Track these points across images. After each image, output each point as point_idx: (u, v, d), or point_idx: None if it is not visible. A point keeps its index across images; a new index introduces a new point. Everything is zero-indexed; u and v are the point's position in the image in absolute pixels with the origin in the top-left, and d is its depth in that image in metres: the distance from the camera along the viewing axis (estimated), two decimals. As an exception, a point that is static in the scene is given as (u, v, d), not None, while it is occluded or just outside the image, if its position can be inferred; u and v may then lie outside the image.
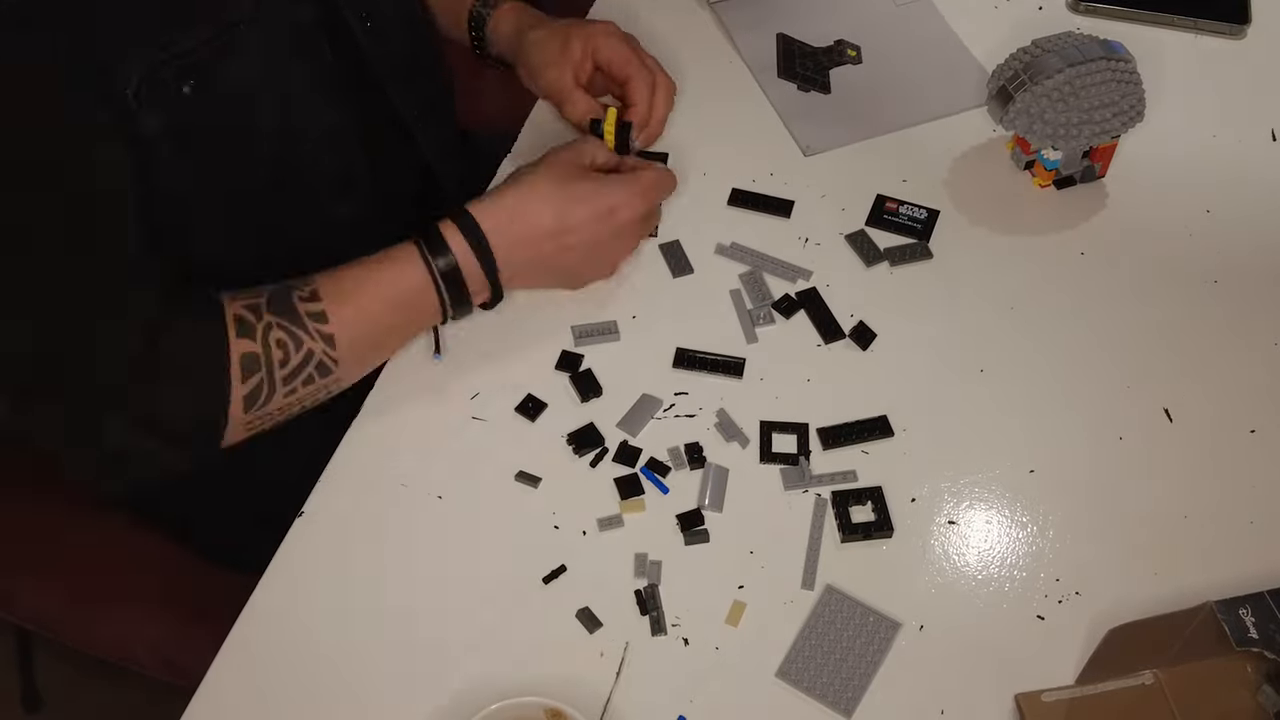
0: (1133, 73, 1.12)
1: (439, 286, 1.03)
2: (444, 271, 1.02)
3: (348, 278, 1.01)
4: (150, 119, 0.96)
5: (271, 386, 0.98)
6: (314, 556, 1.00)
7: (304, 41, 1.04)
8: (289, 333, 0.98)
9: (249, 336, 0.97)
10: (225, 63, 0.99)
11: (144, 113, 0.95)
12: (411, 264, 1.02)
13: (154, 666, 1.25)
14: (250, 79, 1.01)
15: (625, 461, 1.03)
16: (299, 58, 1.04)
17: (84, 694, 1.71)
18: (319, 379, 1.01)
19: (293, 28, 1.03)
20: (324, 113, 1.08)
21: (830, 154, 1.20)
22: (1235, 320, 1.10)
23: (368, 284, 1.01)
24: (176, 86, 0.96)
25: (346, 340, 1.00)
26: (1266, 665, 0.86)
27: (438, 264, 1.02)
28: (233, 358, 0.96)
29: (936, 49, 1.27)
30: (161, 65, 0.95)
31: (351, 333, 1.00)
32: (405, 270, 1.02)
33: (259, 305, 0.98)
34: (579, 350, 1.09)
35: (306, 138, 1.07)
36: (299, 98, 1.05)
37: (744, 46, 1.27)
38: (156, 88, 0.95)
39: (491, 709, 0.89)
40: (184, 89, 0.96)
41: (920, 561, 0.99)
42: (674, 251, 1.15)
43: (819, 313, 1.10)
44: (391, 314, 1.03)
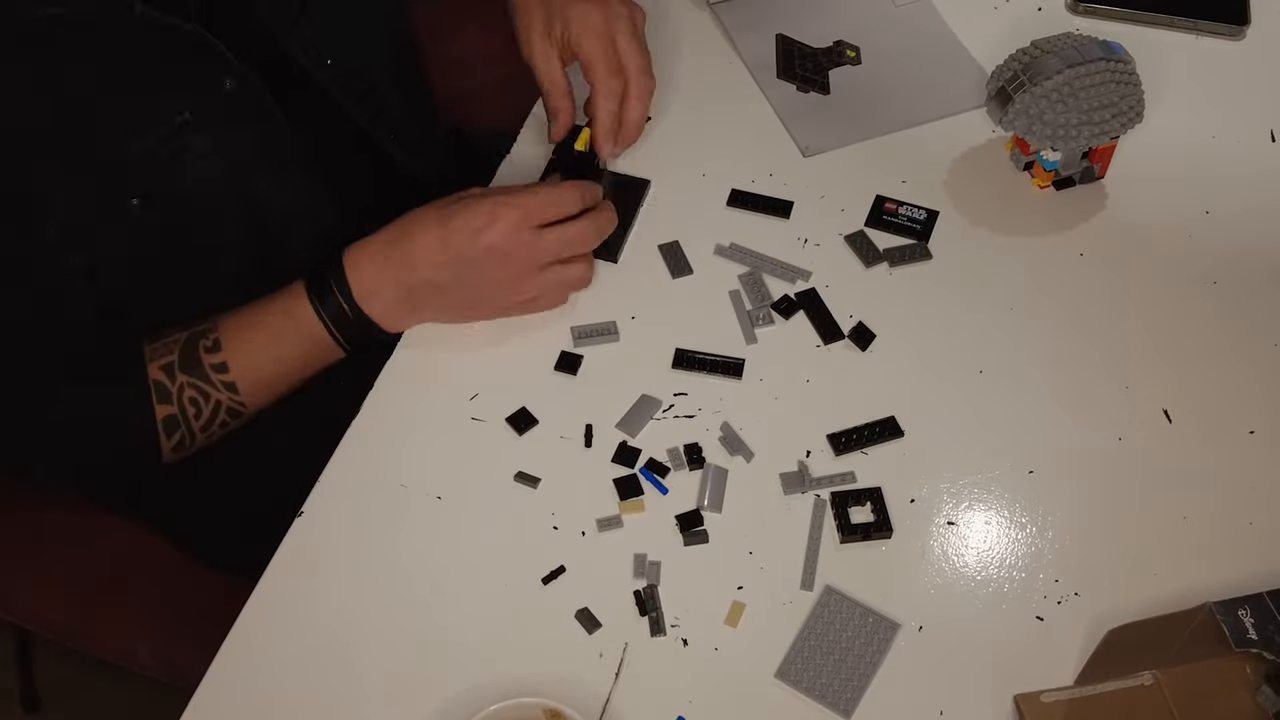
0: (1132, 74, 1.12)
1: (325, 323, 1.05)
2: (329, 309, 1.05)
3: (245, 324, 1.05)
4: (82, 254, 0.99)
5: (192, 436, 1.06)
6: (314, 556, 1.00)
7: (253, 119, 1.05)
8: (199, 390, 1.04)
9: (167, 401, 1.04)
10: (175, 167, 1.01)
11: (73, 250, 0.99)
12: (299, 304, 1.05)
13: (154, 666, 1.25)
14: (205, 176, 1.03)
15: (624, 462, 1.03)
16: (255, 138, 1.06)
17: (84, 694, 1.71)
18: (232, 421, 1.07)
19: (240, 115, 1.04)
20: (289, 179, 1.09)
21: (829, 155, 1.20)
22: (1235, 320, 1.10)
23: (263, 327, 1.05)
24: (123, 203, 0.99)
25: (249, 385, 1.06)
26: (1265, 666, 0.86)
27: (322, 302, 1.04)
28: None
29: (936, 50, 1.27)
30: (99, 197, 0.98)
31: (252, 377, 1.06)
32: (294, 310, 1.05)
33: (172, 366, 1.04)
34: (578, 350, 1.09)
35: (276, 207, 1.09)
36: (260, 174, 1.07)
37: (743, 47, 1.27)
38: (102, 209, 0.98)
39: (491, 709, 0.89)
40: (133, 202, 0.99)
41: (919, 562, 0.99)
42: (673, 252, 1.14)
43: (818, 313, 1.10)
44: (289, 351, 1.06)
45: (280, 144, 1.08)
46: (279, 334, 1.05)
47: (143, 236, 1.01)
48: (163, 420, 1.04)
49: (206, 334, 1.05)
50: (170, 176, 1.00)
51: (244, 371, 1.05)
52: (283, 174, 1.09)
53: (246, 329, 1.05)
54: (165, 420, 1.04)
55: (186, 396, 1.04)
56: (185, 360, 1.04)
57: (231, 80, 1.03)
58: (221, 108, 1.02)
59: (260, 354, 1.05)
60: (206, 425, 1.06)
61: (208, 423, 1.06)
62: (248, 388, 1.06)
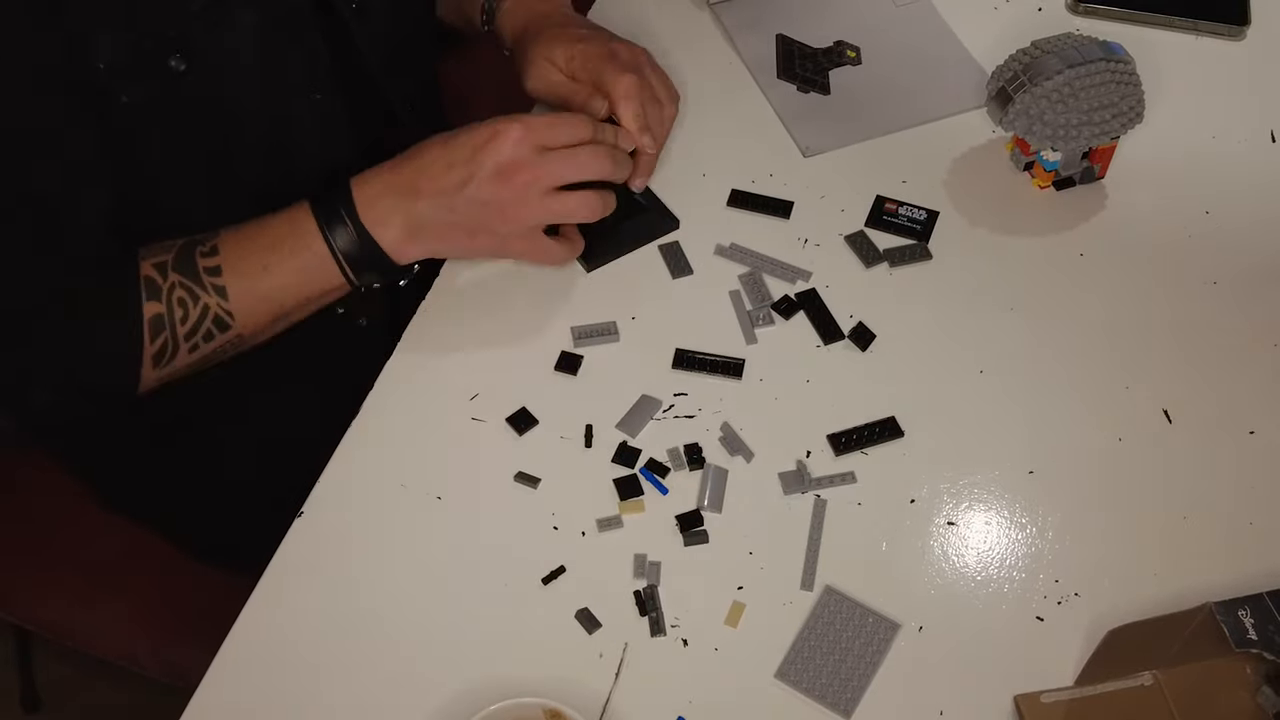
0: (1132, 74, 1.12)
1: (329, 241, 1.02)
2: (333, 229, 1.02)
3: (246, 232, 1.02)
4: (130, 92, 0.96)
5: (175, 344, 1.01)
6: (314, 556, 1.00)
7: (295, 25, 1.04)
8: (187, 290, 1.00)
9: (156, 298, 1.00)
10: (216, 39, 0.99)
11: (121, 86, 0.96)
12: (302, 215, 1.02)
13: (154, 666, 1.25)
14: (241, 58, 1.01)
15: (625, 462, 1.03)
16: (290, 41, 1.04)
17: (84, 694, 1.71)
18: (218, 334, 1.02)
19: (285, 10, 1.03)
20: (313, 99, 1.08)
21: (830, 155, 1.20)
22: (1235, 320, 1.10)
23: (261, 234, 1.02)
24: (163, 61, 0.97)
25: (239, 291, 1.01)
26: (1266, 666, 0.86)
27: (326, 221, 1.02)
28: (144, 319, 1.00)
29: (936, 50, 1.27)
30: (144, 38, 0.95)
31: (245, 284, 1.01)
32: (296, 220, 1.02)
33: (165, 264, 1.01)
34: (578, 350, 1.09)
35: (295, 123, 1.07)
36: (289, 82, 1.05)
37: (744, 48, 1.27)
38: (141, 60, 0.96)
39: (491, 709, 0.89)
40: (170, 63, 0.97)
41: (920, 562, 0.99)
42: (673, 252, 1.14)
43: (818, 314, 1.10)
44: (284, 264, 1.02)
45: (312, 61, 1.07)
46: (278, 246, 1.02)
47: (173, 106, 0.99)
48: (150, 319, 1.00)
49: (205, 240, 1.02)
50: (210, 41, 0.98)
51: (237, 277, 1.01)
52: (307, 90, 1.07)
53: (246, 237, 1.02)
54: (153, 319, 1.00)
55: (175, 296, 1.00)
56: (179, 260, 1.01)
57: None
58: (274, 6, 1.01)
59: (256, 263, 1.02)
60: (191, 332, 1.01)
61: (193, 329, 1.01)
62: (238, 296, 1.01)
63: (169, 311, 1.01)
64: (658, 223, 1.15)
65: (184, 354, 1.02)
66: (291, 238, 1.02)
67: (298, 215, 1.03)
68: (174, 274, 1.01)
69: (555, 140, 1.02)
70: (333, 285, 1.05)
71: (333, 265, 1.03)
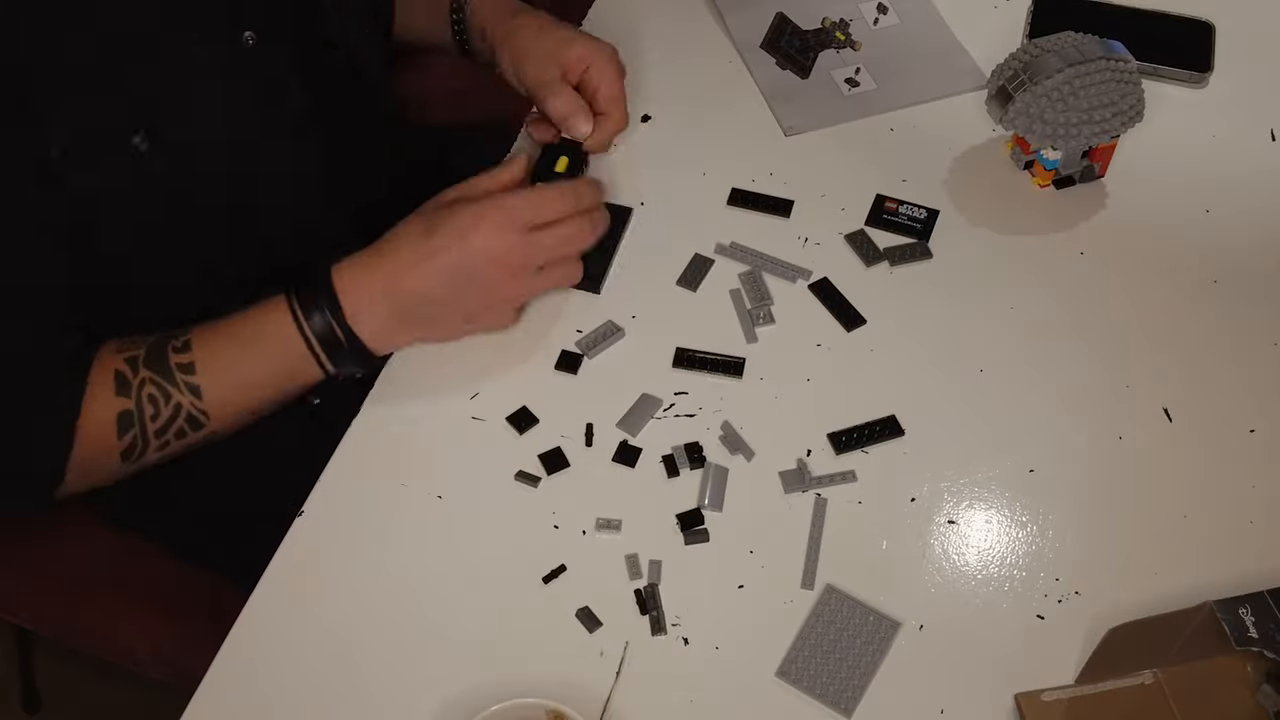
0: (1132, 73, 1.12)
1: (307, 338, 1.01)
2: (314, 324, 1.01)
3: (220, 329, 1.02)
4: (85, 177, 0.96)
5: (145, 441, 1.01)
6: (314, 556, 1.00)
7: (272, 90, 1.04)
8: (159, 386, 1.00)
9: (125, 395, 0.99)
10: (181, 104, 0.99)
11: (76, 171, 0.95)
12: (279, 314, 1.01)
13: (154, 666, 1.25)
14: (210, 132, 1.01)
15: (625, 461, 1.03)
16: (265, 106, 1.04)
17: (84, 694, 1.71)
18: (190, 432, 1.02)
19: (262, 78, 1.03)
20: (287, 160, 1.08)
21: (829, 154, 1.20)
22: (1235, 320, 1.10)
23: (236, 334, 1.01)
24: (125, 139, 0.96)
25: (214, 391, 1.01)
26: (1266, 665, 0.86)
27: (306, 316, 1.01)
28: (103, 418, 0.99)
29: (923, 36, 1.28)
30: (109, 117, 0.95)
31: (219, 383, 1.01)
32: (273, 319, 1.01)
33: (137, 359, 1.00)
34: (580, 351, 1.09)
35: (263, 186, 1.07)
36: (262, 150, 1.05)
37: (734, 28, 1.27)
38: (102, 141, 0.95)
39: (493, 710, 0.89)
40: (134, 140, 0.96)
41: (920, 561, 0.99)
42: (696, 265, 1.14)
43: (836, 302, 1.11)
44: (261, 364, 1.02)
45: (286, 116, 1.06)
46: (255, 344, 1.02)
47: (140, 184, 0.98)
48: (117, 415, 0.99)
49: (178, 336, 1.01)
50: (175, 113, 0.98)
51: (211, 376, 1.00)
52: (283, 144, 1.07)
53: (220, 334, 1.02)
54: (120, 415, 0.99)
55: (145, 393, 0.99)
56: (151, 356, 1.00)
57: (251, 36, 1.02)
58: (239, 58, 1.01)
59: (231, 360, 1.01)
60: (162, 430, 1.01)
61: (164, 426, 1.01)
62: (212, 394, 1.01)
63: (139, 409, 1.00)
64: (620, 214, 1.15)
65: (154, 450, 1.02)
66: (269, 336, 1.01)
67: (275, 311, 1.02)
68: (145, 370, 1.00)
69: (540, 219, 1.03)
70: (310, 378, 1.05)
71: (311, 361, 1.03)
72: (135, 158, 0.98)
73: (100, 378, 1.00)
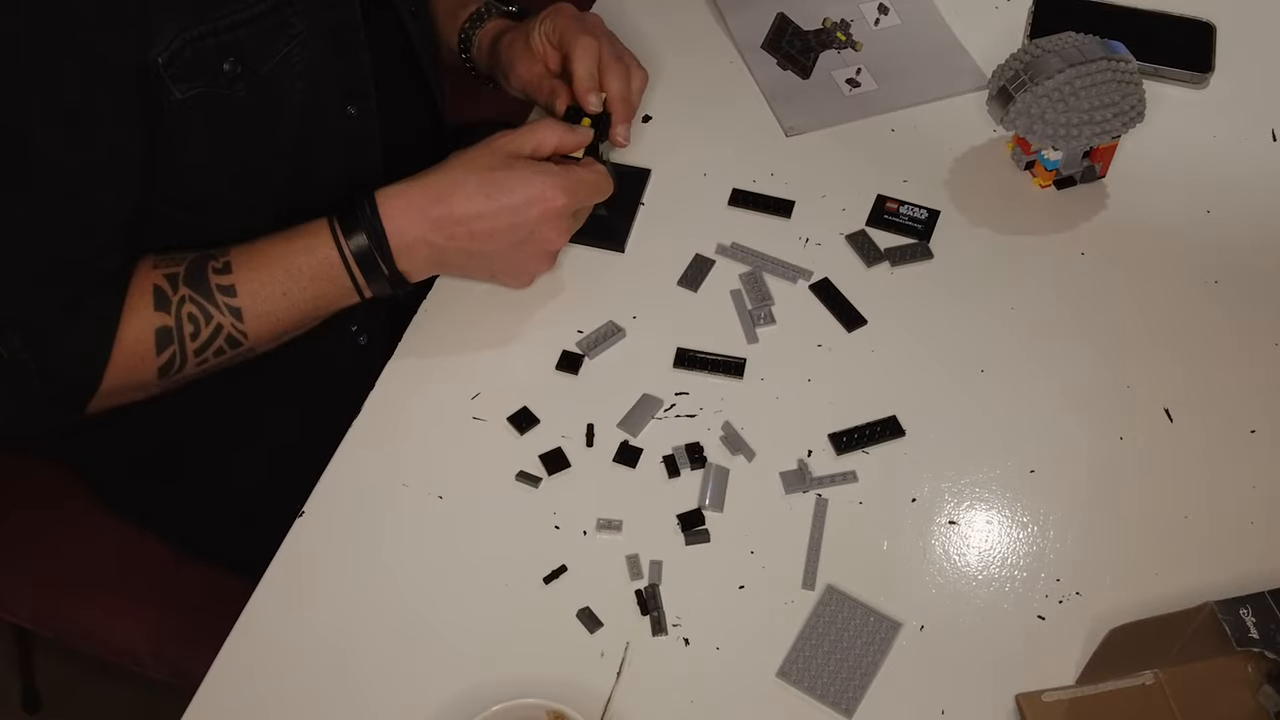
0: (1133, 73, 1.12)
1: (349, 264, 1.03)
2: (355, 250, 1.02)
3: (260, 251, 1.03)
4: (181, 90, 0.97)
5: (184, 358, 1.02)
6: (314, 556, 1.00)
7: (344, 38, 1.05)
8: (199, 306, 1.01)
9: (165, 310, 1.00)
10: (271, 45, 0.99)
11: (174, 83, 0.96)
12: (322, 240, 1.03)
13: (154, 666, 1.25)
14: (292, 66, 1.01)
15: (626, 461, 1.03)
16: (337, 54, 1.05)
17: (84, 694, 1.71)
18: (229, 350, 1.03)
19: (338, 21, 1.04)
20: (348, 114, 1.08)
21: (830, 155, 1.20)
22: (1235, 320, 1.10)
23: (278, 258, 1.02)
24: (218, 62, 0.97)
25: (254, 313, 1.02)
26: (1267, 665, 0.86)
27: (350, 243, 1.02)
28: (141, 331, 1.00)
29: (926, 35, 1.28)
30: (204, 37, 0.96)
31: (260, 306, 1.02)
32: (315, 246, 1.03)
33: (177, 276, 1.01)
34: (583, 352, 1.09)
35: (329, 136, 1.07)
36: (328, 95, 1.06)
37: (735, 28, 1.27)
38: (197, 59, 0.96)
39: (493, 710, 0.89)
40: (225, 65, 0.98)
41: (921, 561, 0.99)
42: (698, 265, 1.14)
43: (836, 302, 1.11)
44: (301, 288, 1.03)
45: (354, 75, 1.07)
46: (295, 268, 1.03)
47: (219, 108, 0.99)
48: (156, 330, 1.00)
49: (217, 256, 1.02)
50: (263, 49, 0.99)
51: (252, 298, 1.02)
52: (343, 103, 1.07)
53: (260, 256, 1.03)
54: (159, 331, 1.00)
55: (186, 311, 1.00)
56: (191, 274, 1.01)
57: None
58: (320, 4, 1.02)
59: (271, 283, 1.02)
60: (202, 349, 1.02)
61: (204, 345, 1.02)
62: (253, 318, 1.02)
63: (178, 326, 1.01)
64: (638, 176, 1.18)
65: (192, 366, 1.03)
66: (311, 265, 1.03)
67: (316, 239, 1.03)
68: (184, 288, 1.01)
69: (589, 203, 1.09)
70: (346, 302, 1.06)
71: (350, 287, 1.04)
72: (226, 81, 0.98)
73: (140, 291, 1.00)
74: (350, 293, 1.05)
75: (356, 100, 1.08)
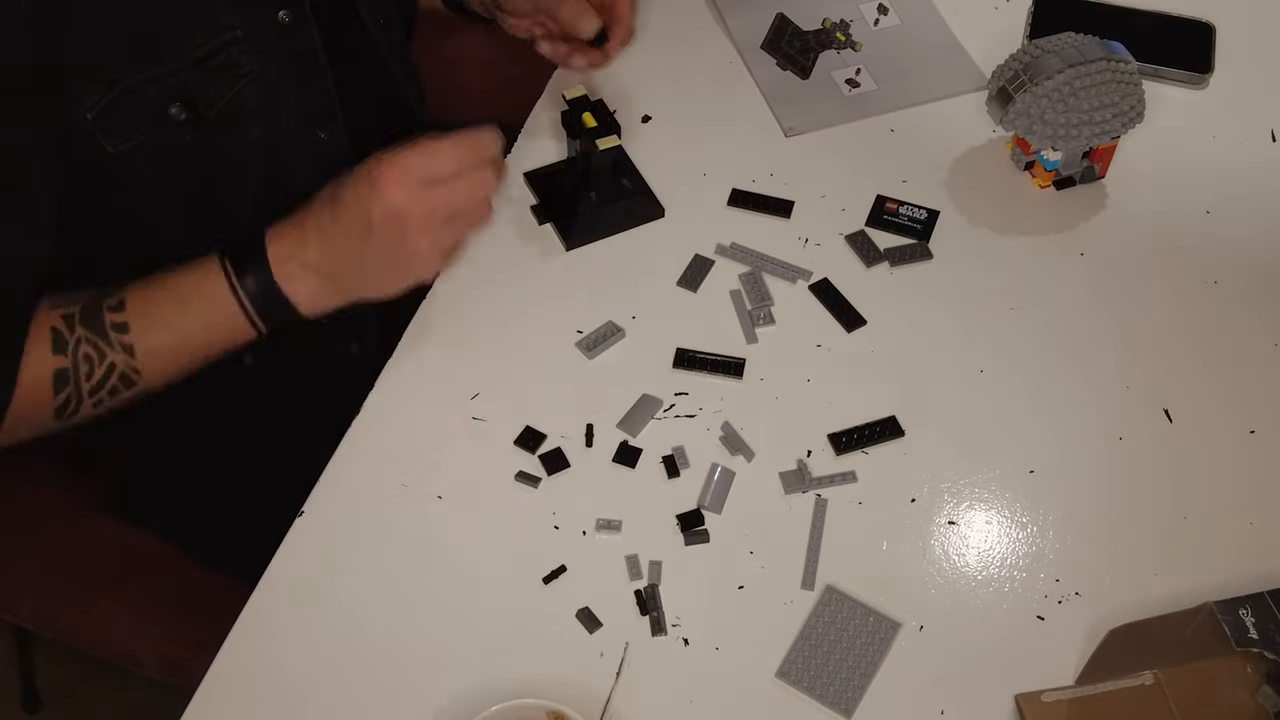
0: (1133, 73, 1.12)
1: (242, 304, 1.01)
2: (250, 294, 1.01)
3: (155, 288, 1.01)
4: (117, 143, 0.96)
5: (79, 398, 1.01)
6: (314, 556, 1.00)
7: (304, 68, 1.05)
8: (94, 346, 1.00)
9: (62, 353, 0.99)
10: (221, 86, 0.99)
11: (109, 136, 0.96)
12: (215, 280, 1.01)
13: (154, 666, 1.25)
14: (245, 103, 1.01)
15: (625, 462, 1.03)
16: (298, 83, 1.04)
17: (84, 694, 1.71)
18: (124, 390, 1.02)
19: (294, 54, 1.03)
20: (316, 138, 1.08)
21: (830, 155, 1.20)
22: (1235, 320, 1.10)
23: (171, 296, 1.01)
24: (163, 108, 0.97)
25: (147, 351, 1.01)
26: (1266, 665, 0.86)
27: (244, 287, 1.01)
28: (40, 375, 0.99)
29: (926, 36, 1.28)
30: (141, 86, 0.95)
31: (153, 343, 1.01)
32: (209, 287, 1.01)
33: (73, 317, 1.00)
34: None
35: (295, 163, 1.07)
36: (292, 123, 1.05)
37: (735, 29, 1.27)
38: (138, 108, 0.96)
39: (493, 710, 0.89)
40: (171, 110, 0.97)
41: (920, 562, 0.99)
42: (697, 265, 1.14)
43: (835, 302, 1.11)
44: (194, 326, 1.02)
45: (319, 100, 1.07)
46: (186, 304, 1.01)
47: (168, 154, 0.99)
48: (54, 374, 0.99)
49: (112, 294, 1.01)
50: (211, 91, 0.99)
51: (144, 335, 1.00)
52: (311, 128, 1.07)
53: (154, 295, 1.01)
54: (56, 374, 0.99)
55: (81, 352, 0.99)
56: (86, 315, 1.00)
57: (286, 14, 1.02)
58: (273, 36, 1.01)
59: (165, 321, 1.01)
60: (96, 388, 1.00)
61: (98, 385, 1.00)
62: (145, 354, 1.01)
63: (74, 367, 1.00)
64: (642, 208, 1.16)
65: (88, 407, 1.02)
66: (203, 296, 1.01)
67: (207, 273, 1.02)
68: (81, 329, 1.00)
69: (437, 172, 1.01)
70: (241, 338, 1.04)
71: (243, 321, 1.02)
72: (172, 126, 0.98)
73: (38, 334, 1.00)
74: (245, 328, 1.03)
75: (324, 124, 1.07)
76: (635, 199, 1.16)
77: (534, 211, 1.16)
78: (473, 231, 1.08)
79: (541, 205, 1.16)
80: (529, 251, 1.15)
